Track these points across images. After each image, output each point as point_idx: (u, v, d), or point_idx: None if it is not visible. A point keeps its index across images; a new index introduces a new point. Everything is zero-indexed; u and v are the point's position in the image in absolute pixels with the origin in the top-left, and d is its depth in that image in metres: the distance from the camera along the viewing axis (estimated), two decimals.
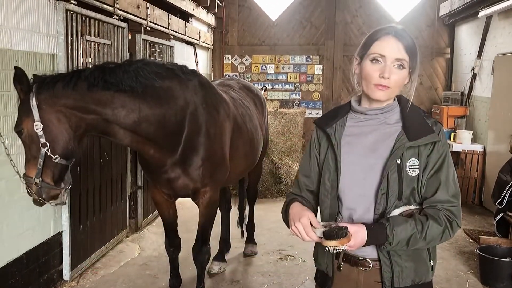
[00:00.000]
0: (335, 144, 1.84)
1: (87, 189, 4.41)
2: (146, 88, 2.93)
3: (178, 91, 3.15)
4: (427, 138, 1.73)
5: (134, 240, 5.37)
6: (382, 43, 1.73)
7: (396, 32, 1.74)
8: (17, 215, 3.50)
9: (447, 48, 8.77)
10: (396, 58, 1.71)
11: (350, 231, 1.63)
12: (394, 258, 1.75)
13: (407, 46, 1.72)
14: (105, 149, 4.73)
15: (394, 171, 1.73)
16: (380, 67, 1.72)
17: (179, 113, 3.13)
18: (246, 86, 4.58)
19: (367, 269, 1.79)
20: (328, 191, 1.85)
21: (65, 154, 2.76)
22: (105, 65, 2.94)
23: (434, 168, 1.74)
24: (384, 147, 1.77)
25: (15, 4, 3.38)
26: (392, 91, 1.75)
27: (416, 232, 1.68)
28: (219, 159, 3.38)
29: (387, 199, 1.73)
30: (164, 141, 3.09)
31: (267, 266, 4.72)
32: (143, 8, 5.48)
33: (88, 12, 4.19)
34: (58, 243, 4.02)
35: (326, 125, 1.89)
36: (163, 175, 3.24)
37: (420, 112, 1.83)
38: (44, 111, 2.69)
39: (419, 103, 8.90)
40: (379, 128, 1.81)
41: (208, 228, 3.50)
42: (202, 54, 8.61)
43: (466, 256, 5.05)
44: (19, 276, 3.55)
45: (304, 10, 9.04)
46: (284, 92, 9.23)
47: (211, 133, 3.28)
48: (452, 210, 1.73)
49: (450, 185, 1.74)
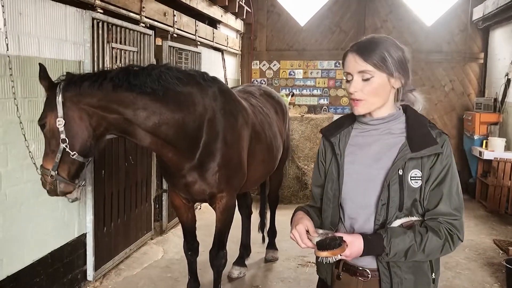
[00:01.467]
0: (338, 153, 1.85)
1: (111, 192, 4.53)
2: (167, 92, 3.02)
3: (198, 97, 3.22)
4: (429, 150, 1.71)
5: (158, 243, 5.47)
6: (346, 61, 1.79)
7: (357, 47, 1.76)
8: (42, 217, 3.63)
9: (480, 53, 8.53)
10: (358, 71, 1.74)
11: (346, 241, 1.63)
12: (393, 269, 1.73)
13: (369, 56, 1.72)
14: (130, 153, 4.85)
15: (395, 182, 1.72)
16: (349, 85, 1.76)
17: (198, 118, 3.19)
18: (267, 93, 4.61)
19: (366, 279, 1.79)
20: (330, 200, 1.87)
21: (82, 151, 2.87)
22: (130, 67, 3.05)
23: (437, 180, 1.72)
24: (387, 158, 1.76)
25: (43, 14, 3.52)
26: (369, 102, 1.76)
27: (414, 244, 1.66)
28: (236, 165, 3.41)
29: (388, 210, 1.72)
30: (182, 145, 3.16)
31: (287, 272, 4.71)
32: (170, 16, 5.60)
33: (114, 20, 4.31)
34: (82, 244, 4.15)
35: (331, 135, 1.91)
36: (181, 179, 3.30)
37: (425, 123, 1.81)
38: (68, 108, 2.82)
39: (451, 109, 8.72)
40: (383, 138, 1.81)
41: (224, 233, 3.54)
42: (230, 60, 8.69)
43: (494, 268, 4.89)
44: (44, 275, 3.68)
45: (333, 15, 9.00)
46: (312, 98, 9.20)
47: (228, 139, 3.33)
48: (453, 223, 1.71)
49: (453, 197, 1.72)
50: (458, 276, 4.69)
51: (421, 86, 8.75)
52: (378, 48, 1.73)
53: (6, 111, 3.20)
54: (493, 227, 6.37)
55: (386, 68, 1.72)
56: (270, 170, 4.24)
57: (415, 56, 8.67)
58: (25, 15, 3.33)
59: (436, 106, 8.76)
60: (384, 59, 1.72)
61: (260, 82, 9.17)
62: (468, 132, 8.14)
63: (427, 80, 8.76)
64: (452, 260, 5.11)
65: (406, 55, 1.79)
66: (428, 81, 8.76)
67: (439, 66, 8.71)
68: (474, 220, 6.73)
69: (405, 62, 1.78)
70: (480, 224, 6.53)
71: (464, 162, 8.48)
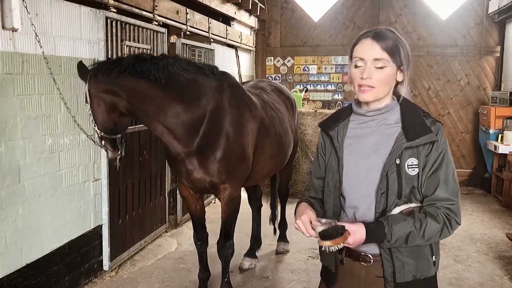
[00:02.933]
0: (337, 146, 1.92)
1: (126, 186, 4.68)
2: (170, 81, 3.21)
3: (202, 88, 3.36)
4: (424, 138, 1.77)
5: (173, 235, 5.62)
6: (360, 47, 1.81)
7: (375, 34, 1.79)
8: (59, 208, 3.80)
9: (496, 46, 8.43)
10: (374, 58, 1.77)
11: (349, 229, 1.70)
12: (395, 254, 1.80)
13: (386, 45, 1.77)
14: (145, 148, 5.00)
15: (393, 170, 1.78)
16: (361, 70, 1.79)
17: (200, 108, 3.33)
18: (277, 89, 4.69)
19: (369, 264, 1.86)
20: (331, 191, 1.94)
21: (106, 131, 3.31)
22: (141, 55, 3.29)
23: (433, 167, 1.78)
24: (384, 148, 1.83)
25: (58, 14, 3.68)
26: (378, 90, 1.80)
27: (414, 229, 1.73)
28: (238, 158, 3.51)
29: (387, 198, 1.79)
30: (179, 130, 3.32)
31: (297, 264, 4.80)
32: (182, 14, 5.72)
33: (128, 19, 4.45)
34: (98, 235, 4.31)
35: (329, 128, 1.98)
36: (182, 165, 3.46)
37: (419, 112, 1.87)
38: (91, 95, 3.21)
39: (467, 103, 8.65)
40: (379, 129, 1.87)
41: (230, 223, 3.64)
42: (245, 56, 8.79)
43: (505, 261, 4.89)
44: (62, 264, 3.86)
45: (347, 10, 9.01)
46: (326, 93, 9.24)
47: (230, 132, 3.43)
48: (451, 208, 1.77)
49: (449, 183, 1.78)
50: (468, 269, 4.71)
51: (436, 80, 8.73)
52: (394, 38, 1.79)
53: (24, 107, 3.36)
54: (508, 221, 6.34)
55: (399, 59, 1.79)
56: (280, 164, 4.33)
57: (430, 51, 8.67)
58: (42, 15, 3.49)
59: (451, 100, 8.72)
60: (398, 50, 1.79)
61: (274, 78, 9.24)
62: (483, 127, 8.07)
63: (442, 74, 8.71)
64: (463, 253, 5.13)
65: (407, 45, 1.85)
66: (444, 75, 8.71)
67: (455, 60, 8.65)
68: (488, 214, 6.71)
69: (409, 54, 1.84)
70: (495, 218, 6.50)
71: (480, 157, 8.42)
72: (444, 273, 4.57)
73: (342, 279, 1.95)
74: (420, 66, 8.72)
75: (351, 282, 1.91)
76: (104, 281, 4.32)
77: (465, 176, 8.59)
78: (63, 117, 3.76)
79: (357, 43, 1.83)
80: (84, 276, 4.15)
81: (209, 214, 6.33)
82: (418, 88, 8.73)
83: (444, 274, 4.56)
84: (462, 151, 8.74)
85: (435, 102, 8.80)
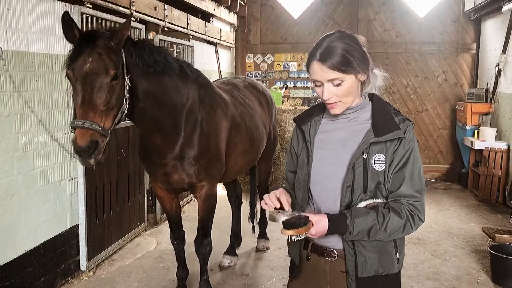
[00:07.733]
0: (308, 140, 1.94)
1: (103, 184, 4.61)
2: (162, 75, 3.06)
3: (182, 86, 3.29)
4: (391, 135, 1.79)
5: (152, 234, 5.56)
6: (312, 69, 1.80)
7: (321, 55, 1.75)
8: (34, 208, 3.72)
9: (473, 43, 8.57)
10: (327, 80, 1.77)
11: (312, 220, 1.71)
12: (358, 248, 1.82)
13: (334, 62, 1.74)
14: (122, 146, 4.93)
15: (360, 165, 1.80)
16: (321, 90, 1.81)
17: (181, 107, 3.26)
18: (251, 85, 4.66)
19: (333, 259, 1.88)
20: (301, 184, 1.95)
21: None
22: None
23: (400, 164, 1.80)
24: (352, 142, 1.84)
25: (31, 9, 3.59)
26: (345, 101, 1.82)
27: (376, 223, 1.74)
28: (214, 156, 3.48)
29: (353, 192, 1.81)
30: (168, 129, 3.21)
31: (277, 261, 4.80)
32: (160, 10, 5.65)
33: (104, 15, 4.37)
34: (75, 235, 4.24)
35: (302, 123, 2.00)
36: (161, 168, 3.37)
37: (389, 110, 1.88)
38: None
39: (444, 100, 8.78)
40: (350, 124, 1.89)
41: (207, 221, 3.62)
42: (224, 53, 8.75)
43: (481, 255, 4.97)
44: (37, 265, 3.78)
45: (326, 7, 9.05)
46: (306, 90, 9.26)
47: (205, 131, 3.40)
48: (415, 204, 1.79)
49: (414, 180, 1.80)
50: (445, 263, 4.77)
51: (414, 77, 8.83)
52: (339, 51, 1.75)
53: None
54: (484, 216, 6.45)
55: (353, 69, 1.77)
56: (253, 160, 4.32)
57: (408, 48, 8.76)
58: (13, 10, 3.40)
59: (429, 97, 8.83)
60: (349, 61, 1.75)
61: (254, 75, 9.23)
62: (460, 123, 8.20)
63: (420, 71, 8.81)
64: (440, 248, 5.20)
65: (361, 43, 1.82)
66: (421, 72, 8.81)
67: (432, 57, 8.76)
68: (465, 209, 6.82)
69: (365, 53, 1.82)
70: (471, 213, 6.61)
71: (457, 153, 8.56)
72: (422, 268, 4.63)
73: (308, 275, 1.98)
74: (398, 63, 8.81)
75: (316, 277, 1.94)
76: (82, 282, 4.25)
77: (443, 172, 8.72)
78: (37, 115, 3.67)
79: (309, 65, 1.81)
80: (60, 277, 4.08)
81: (190, 212, 6.34)
82: (396, 85, 8.82)
83: (422, 268, 4.62)
84: (440, 147, 8.87)
85: (413, 99, 8.91)
